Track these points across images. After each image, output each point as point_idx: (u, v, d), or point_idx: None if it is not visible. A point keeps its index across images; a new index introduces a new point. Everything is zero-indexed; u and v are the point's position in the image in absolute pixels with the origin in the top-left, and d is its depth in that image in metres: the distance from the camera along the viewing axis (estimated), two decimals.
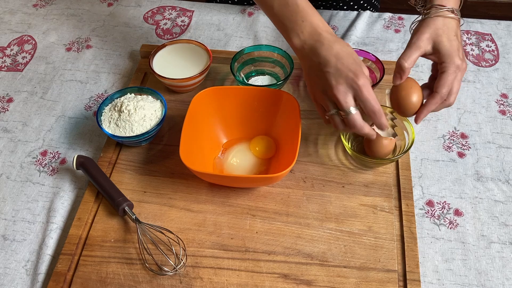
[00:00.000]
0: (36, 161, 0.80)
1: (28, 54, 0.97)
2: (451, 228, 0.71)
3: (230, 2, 1.10)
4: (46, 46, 0.99)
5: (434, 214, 0.73)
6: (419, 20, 0.71)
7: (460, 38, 0.69)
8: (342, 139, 0.75)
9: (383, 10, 1.06)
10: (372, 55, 0.84)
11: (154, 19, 1.04)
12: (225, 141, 0.79)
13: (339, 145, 0.79)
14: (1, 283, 0.66)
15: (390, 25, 1.01)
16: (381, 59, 0.85)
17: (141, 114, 0.75)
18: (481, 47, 0.97)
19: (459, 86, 0.68)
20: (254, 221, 0.70)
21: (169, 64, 0.86)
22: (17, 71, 0.94)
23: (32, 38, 1.00)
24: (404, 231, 0.68)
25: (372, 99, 0.63)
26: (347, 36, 0.97)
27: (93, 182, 0.73)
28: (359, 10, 1.05)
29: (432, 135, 0.82)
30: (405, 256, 0.66)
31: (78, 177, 0.78)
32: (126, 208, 0.69)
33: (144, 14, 1.05)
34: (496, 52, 0.96)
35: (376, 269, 0.65)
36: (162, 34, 1.01)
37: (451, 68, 0.67)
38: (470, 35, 1.00)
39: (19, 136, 0.83)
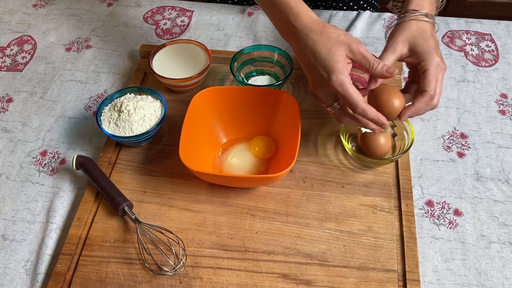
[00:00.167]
0: (35, 161, 0.80)
1: (28, 54, 0.97)
2: (450, 228, 0.71)
3: (230, 2, 1.10)
4: (46, 46, 0.99)
5: (434, 214, 0.73)
6: (395, 25, 0.72)
7: (437, 40, 0.69)
8: (342, 139, 0.75)
9: (382, 10, 1.06)
10: (372, 55, 0.84)
11: (153, 19, 1.04)
12: (224, 141, 0.79)
13: (339, 145, 0.79)
14: (0, 283, 0.66)
15: (389, 25, 1.01)
16: None
17: (140, 114, 0.75)
18: (480, 47, 0.97)
19: (441, 86, 0.67)
20: (253, 221, 0.70)
21: (168, 64, 0.86)
22: (16, 71, 0.94)
23: (32, 38, 1.00)
24: (404, 231, 0.68)
25: (352, 98, 0.63)
26: None
27: (92, 182, 0.73)
28: (359, 10, 1.05)
29: (431, 135, 0.82)
30: (404, 256, 0.66)
31: (77, 177, 0.78)
32: (126, 208, 0.69)
33: (144, 14, 1.05)
34: (495, 52, 0.96)
35: (376, 269, 0.65)
36: (162, 34, 1.01)
37: (432, 65, 0.66)
38: (469, 35, 1.00)
39: (18, 136, 0.83)
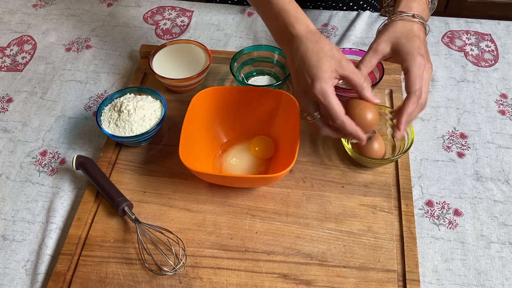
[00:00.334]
0: (35, 161, 0.80)
1: (27, 54, 0.97)
2: (450, 228, 0.71)
3: (229, 2, 1.10)
4: (46, 46, 0.99)
5: (434, 214, 0.73)
6: (382, 26, 0.72)
7: (424, 40, 0.68)
8: (342, 139, 0.75)
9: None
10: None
11: (153, 19, 1.04)
12: (224, 141, 0.79)
13: (339, 145, 0.79)
14: (0, 283, 0.66)
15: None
16: None
17: (140, 114, 0.75)
18: (480, 47, 0.97)
19: (427, 86, 0.67)
20: (253, 221, 0.70)
21: (168, 64, 0.86)
22: (16, 71, 0.94)
23: (31, 38, 1.00)
24: (404, 231, 0.69)
25: (333, 108, 0.63)
26: (347, 36, 0.97)
27: (92, 182, 0.73)
28: (359, 10, 1.06)
29: (431, 135, 0.82)
30: (404, 256, 0.66)
31: (77, 177, 0.78)
32: (126, 208, 0.69)
33: (144, 14, 1.05)
34: (495, 52, 0.96)
35: (376, 269, 0.66)
36: (162, 34, 1.01)
37: (415, 65, 0.66)
38: (469, 35, 1.00)
39: (18, 136, 0.83)
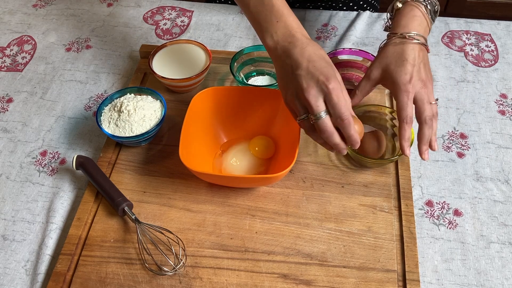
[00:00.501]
0: (35, 161, 0.80)
1: (27, 54, 0.97)
2: (450, 228, 0.71)
3: (229, 2, 1.10)
4: (46, 46, 0.99)
5: (434, 214, 0.73)
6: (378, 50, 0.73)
7: (419, 58, 0.68)
8: None
9: (382, 11, 1.06)
10: (372, 55, 0.84)
11: (153, 19, 1.04)
12: (224, 141, 0.79)
13: None
14: (0, 283, 0.66)
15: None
16: None
17: (140, 114, 0.75)
18: (480, 47, 0.97)
19: (422, 104, 0.66)
20: (253, 221, 0.70)
21: (168, 64, 0.86)
22: (16, 71, 0.94)
23: (31, 38, 1.00)
24: (404, 231, 0.69)
25: (342, 105, 0.61)
26: (347, 37, 0.97)
27: (92, 182, 0.73)
28: (359, 10, 1.06)
29: None
30: (404, 256, 0.66)
31: (77, 177, 0.78)
32: (126, 208, 0.69)
33: (144, 14, 1.05)
34: (495, 52, 0.96)
35: (376, 269, 0.66)
36: (162, 34, 1.01)
37: (400, 95, 0.67)
38: (469, 35, 1.00)
39: (18, 136, 0.83)
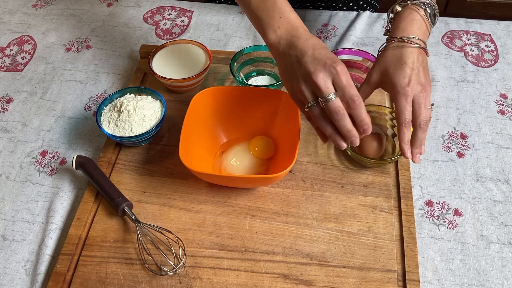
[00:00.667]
0: (35, 161, 0.80)
1: (27, 54, 0.97)
2: (450, 228, 0.71)
3: (229, 2, 1.10)
4: (46, 46, 0.99)
5: (434, 214, 0.73)
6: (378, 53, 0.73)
7: (418, 62, 0.68)
8: None
9: (382, 11, 1.06)
10: (372, 55, 0.84)
11: (153, 19, 1.04)
12: (224, 141, 0.79)
13: None
14: (0, 283, 0.66)
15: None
16: None
17: (140, 114, 0.75)
18: (480, 47, 0.97)
19: (419, 108, 0.67)
20: (253, 221, 0.70)
21: (168, 64, 0.86)
22: (16, 71, 0.94)
23: (31, 38, 1.00)
24: (404, 231, 0.69)
25: (352, 85, 0.62)
26: (347, 37, 0.97)
27: (92, 182, 0.73)
28: (359, 10, 1.06)
29: (431, 135, 0.82)
30: (404, 256, 0.66)
31: (77, 177, 0.78)
32: (126, 208, 0.69)
33: (144, 14, 1.05)
34: (495, 52, 0.96)
35: (376, 269, 0.66)
36: (162, 34, 1.01)
37: (398, 98, 0.67)
38: (469, 35, 1.00)
39: (18, 136, 0.83)
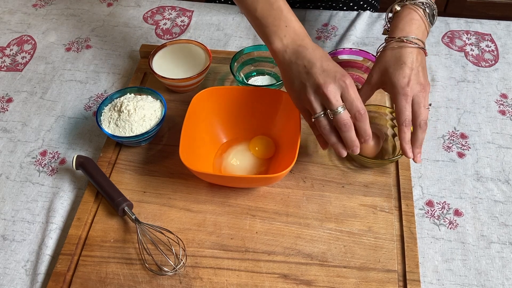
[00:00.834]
0: (35, 161, 0.80)
1: (27, 54, 0.97)
2: (451, 228, 0.71)
3: (229, 2, 1.10)
4: (46, 46, 0.99)
5: (434, 214, 0.73)
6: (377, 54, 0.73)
7: (417, 61, 0.68)
8: None
9: (382, 11, 1.06)
10: (372, 55, 0.84)
11: (153, 19, 1.04)
12: (224, 141, 0.79)
13: None
14: (0, 283, 0.66)
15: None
16: None
17: (140, 114, 0.75)
18: (480, 47, 0.97)
19: (422, 109, 0.67)
20: (254, 221, 0.70)
21: (168, 64, 0.86)
22: (16, 71, 0.94)
23: (31, 38, 1.00)
24: (404, 231, 0.68)
25: (359, 99, 0.64)
26: (347, 37, 0.97)
27: (92, 182, 0.73)
28: (359, 10, 1.06)
29: (431, 135, 0.82)
30: (405, 256, 0.66)
31: (77, 177, 0.77)
32: (126, 208, 0.69)
33: (144, 14, 1.05)
34: (495, 52, 0.96)
35: (376, 269, 0.65)
36: (162, 34, 1.01)
37: (398, 98, 0.67)
38: (469, 35, 1.00)
39: (18, 136, 0.83)
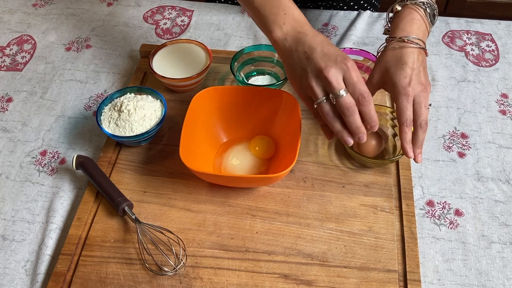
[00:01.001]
0: (35, 161, 0.80)
1: (27, 53, 0.97)
2: (451, 228, 0.71)
3: (230, 2, 1.09)
4: (46, 45, 0.99)
5: (435, 214, 0.72)
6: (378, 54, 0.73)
7: (418, 61, 0.68)
8: None
9: (383, 10, 1.06)
10: (373, 55, 0.84)
11: (153, 19, 1.04)
12: (225, 141, 0.79)
13: (340, 145, 0.79)
14: (0, 283, 0.66)
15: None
16: None
17: (141, 114, 0.75)
18: (481, 47, 0.97)
19: (423, 109, 0.67)
20: (254, 221, 0.70)
21: (169, 64, 0.86)
22: (16, 70, 0.94)
23: (31, 37, 1.00)
24: (405, 231, 0.68)
25: (362, 82, 0.63)
26: (347, 36, 0.97)
27: (92, 182, 0.73)
28: (359, 10, 1.05)
29: (432, 135, 0.82)
30: (405, 256, 0.66)
31: (77, 177, 0.77)
32: (126, 208, 0.69)
33: (144, 14, 1.05)
34: (496, 52, 0.96)
35: (377, 269, 0.65)
36: (162, 33, 1.01)
37: (399, 98, 0.67)
38: (470, 35, 1.00)
39: (18, 136, 0.83)
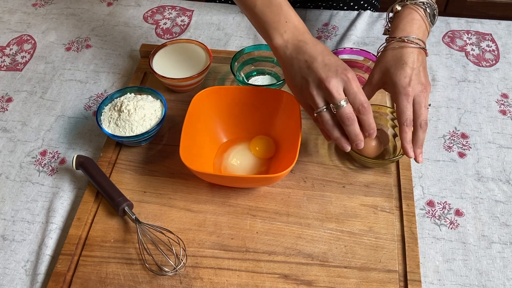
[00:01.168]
0: (35, 161, 0.80)
1: (27, 53, 0.97)
2: (451, 228, 0.71)
3: (230, 1, 1.09)
4: (46, 45, 0.99)
5: (435, 214, 0.72)
6: (378, 54, 0.73)
7: (418, 61, 0.68)
8: None
9: (383, 10, 1.06)
10: (373, 54, 0.84)
11: (154, 19, 1.04)
12: (225, 140, 0.79)
13: None
14: (0, 283, 0.66)
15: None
16: None
17: (141, 114, 0.75)
18: (481, 47, 0.97)
19: (422, 109, 0.67)
20: (254, 221, 0.70)
21: (169, 64, 0.86)
22: (16, 70, 0.94)
23: (31, 37, 1.00)
24: (405, 231, 0.68)
25: (362, 92, 0.64)
26: (347, 36, 0.97)
27: (92, 182, 0.72)
28: (359, 10, 1.05)
29: (432, 135, 0.82)
30: (405, 256, 0.66)
31: (77, 177, 0.77)
32: (126, 208, 0.69)
33: (144, 14, 1.05)
34: (496, 52, 0.96)
35: (377, 269, 0.65)
36: (162, 33, 1.01)
37: (399, 98, 0.67)
38: (470, 35, 1.00)
39: (18, 136, 0.83)
